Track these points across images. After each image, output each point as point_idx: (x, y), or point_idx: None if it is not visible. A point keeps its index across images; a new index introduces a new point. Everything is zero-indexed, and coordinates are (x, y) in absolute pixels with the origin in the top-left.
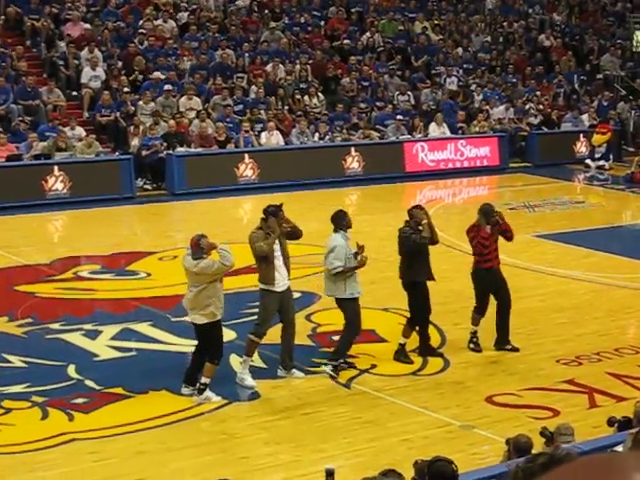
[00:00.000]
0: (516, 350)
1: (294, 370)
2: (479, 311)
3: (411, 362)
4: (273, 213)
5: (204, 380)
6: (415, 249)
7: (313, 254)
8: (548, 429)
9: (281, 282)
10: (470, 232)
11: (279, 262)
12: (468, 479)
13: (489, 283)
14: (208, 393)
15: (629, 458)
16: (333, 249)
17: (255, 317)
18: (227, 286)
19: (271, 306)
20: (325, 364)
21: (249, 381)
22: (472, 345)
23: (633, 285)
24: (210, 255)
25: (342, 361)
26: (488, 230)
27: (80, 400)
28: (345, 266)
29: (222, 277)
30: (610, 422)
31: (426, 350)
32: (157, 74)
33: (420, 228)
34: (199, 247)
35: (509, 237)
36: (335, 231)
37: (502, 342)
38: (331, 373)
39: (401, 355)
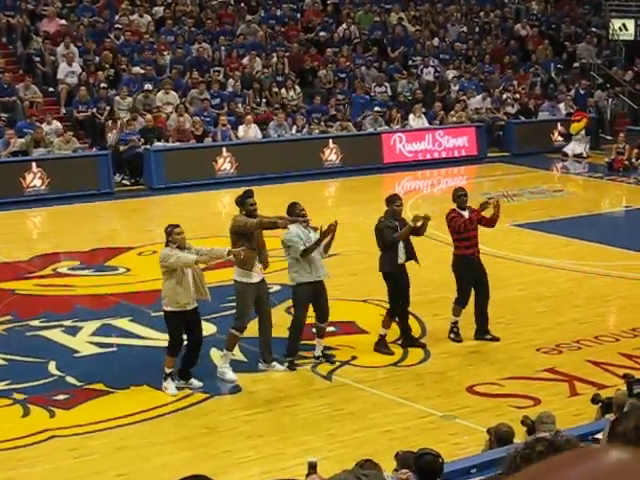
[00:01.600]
0: (496, 340)
1: (274, 363)
2: (460, 302)
3: (391, 353)
4: (240, 203)
5: (165, 370)
6: (388, 243)
7: None
8: (529, 418)
9: (257, 273)
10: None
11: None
12: (450, 469)
13: (470, 273)
14: (165, 383)
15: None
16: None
17: (234, 311)
18: (207, 279)
19: (248, 298)
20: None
21: (230, 375)
22: (452, 335)
23: (612, 273)
24: (176, 245)
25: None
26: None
27: (61, 397)
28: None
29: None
30: (594, 400)
31: (408, 341)
32: (137, 69)
33: (397, 224)
34: (167, 234)
35: (487, 224)
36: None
37: (482, 332)
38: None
39: (381, 346)
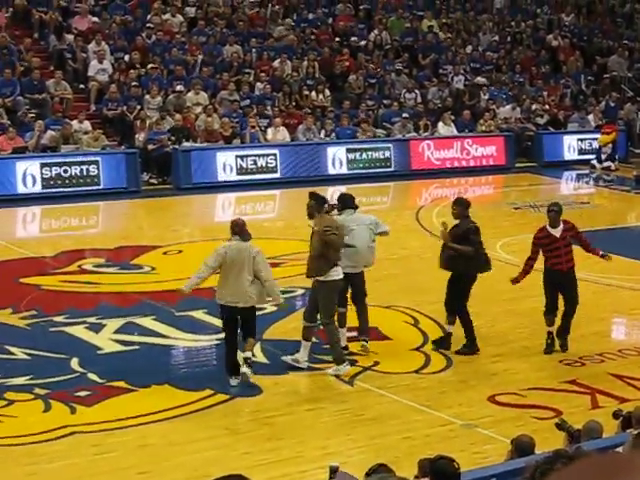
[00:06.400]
0: (564, 349)
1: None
2: (546, 311)
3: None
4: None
5: (250, 355)
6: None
7: None
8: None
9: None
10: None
11: None
12: (469, 478)
13: (551, 285)
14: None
15: (636, 458)
16: (376, 220)
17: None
18: None
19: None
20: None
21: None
22: (545, 347)
23: (637, 286)
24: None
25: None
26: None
27: (83, 393)
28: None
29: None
30: (615, 415)
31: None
32: (150, 65)
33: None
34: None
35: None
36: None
37: (564, 345)
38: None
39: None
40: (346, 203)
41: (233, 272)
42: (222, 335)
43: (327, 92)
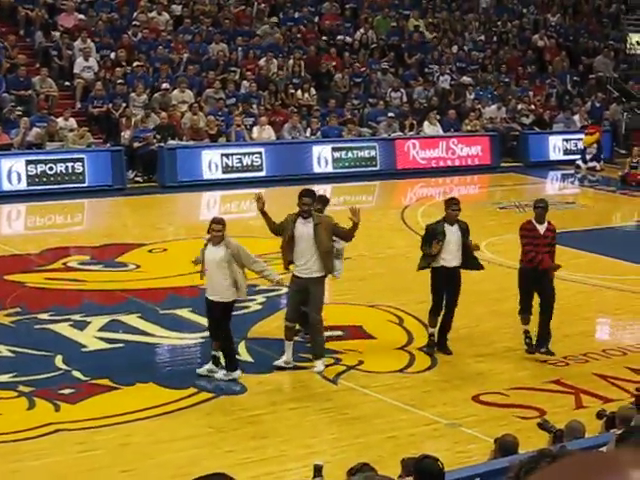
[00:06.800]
0: (551, 354)
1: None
2: (521, 310)
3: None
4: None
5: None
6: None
7: None
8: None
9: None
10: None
11: None
12: (453, 477)
13: (526, 284)
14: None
15: (624, 454)
16: None
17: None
18: None
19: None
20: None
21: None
22: (526, 346)
23: (621, 287)
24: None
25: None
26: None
27: (67, 391)
28: None
29: None
30: (599, 415)
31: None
32: (136, 63)
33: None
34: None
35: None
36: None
37: (537, 345)
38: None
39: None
40: (326, 203)
41: None
42: (207, 333)
43: (313, 91)
